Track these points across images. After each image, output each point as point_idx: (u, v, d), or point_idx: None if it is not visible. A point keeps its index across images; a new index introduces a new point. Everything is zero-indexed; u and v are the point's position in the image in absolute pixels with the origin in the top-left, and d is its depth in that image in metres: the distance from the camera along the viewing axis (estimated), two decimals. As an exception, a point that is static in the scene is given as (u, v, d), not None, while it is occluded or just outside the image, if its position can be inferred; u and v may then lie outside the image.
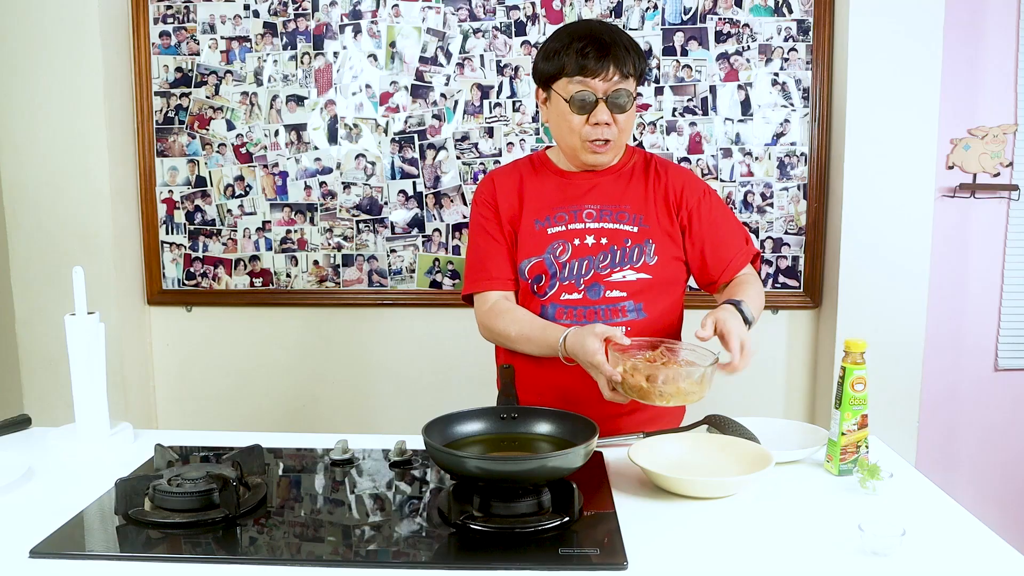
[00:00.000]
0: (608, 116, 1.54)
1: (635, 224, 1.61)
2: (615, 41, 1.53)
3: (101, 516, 1.22)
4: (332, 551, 1.11)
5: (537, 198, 1.66)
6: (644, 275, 1.60)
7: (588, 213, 1.63)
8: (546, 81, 1.59)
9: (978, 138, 2.53)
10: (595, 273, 1.61)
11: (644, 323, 1.61)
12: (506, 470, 1.17)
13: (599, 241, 1.61)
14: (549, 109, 1.61)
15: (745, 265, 1.66)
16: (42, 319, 2.51)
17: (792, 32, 2.44)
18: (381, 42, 2.51)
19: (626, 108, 1.55)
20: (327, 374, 2.66)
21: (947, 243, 2.58)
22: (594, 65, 1.51)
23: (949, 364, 2.65)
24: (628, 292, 1.60)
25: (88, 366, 1.47)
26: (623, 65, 1.52)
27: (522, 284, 1.67)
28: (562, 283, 1.62)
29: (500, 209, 1.67)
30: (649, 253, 1.61)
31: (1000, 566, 1.07)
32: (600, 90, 1.53)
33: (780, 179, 2.50)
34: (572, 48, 1.52)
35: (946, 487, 1.34)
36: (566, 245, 1.62)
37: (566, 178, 1.67)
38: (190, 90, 2.55)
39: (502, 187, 1.69)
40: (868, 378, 1.35)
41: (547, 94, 1.60)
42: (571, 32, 1.56)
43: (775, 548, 1.11)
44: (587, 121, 1.55)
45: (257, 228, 2.60)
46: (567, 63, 1.53)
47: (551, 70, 1.56)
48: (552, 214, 1.64)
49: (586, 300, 1.61)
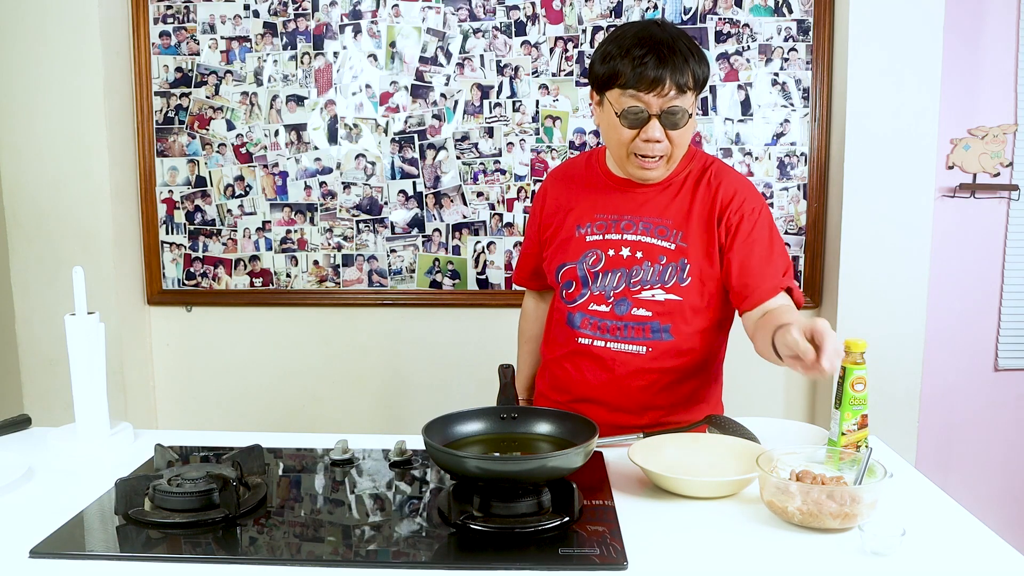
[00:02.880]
0: (660, 133, 1.45)
1: (674, 241, 1.54)
2: (676, 50, 1.42)
3: (101, 516, 1.22)
4: (332, 551, 1.11)
5: (583, 203, 1.62)
6: (674, 296, 1.54)
7: (627, 224, 1.57)
8: (599, 87, 1.50)
9: (978, 138, 2.53)
10: (626, 287, 1.56)
11: (669, 345, 1.56)
12: (506, 470, 1.17)
13: (634, 255, 1.55)
14: (601, 113, 1.52)
15: (773, 297, 1.50)
16: (42, 319, 2.51)
17: (792, 32, 2.44)
18: (381, 42, 2.51)
19: (680, 125, 1.46)
20: (327, 374, 2.66)
21: (947, 243, 2.58)
22: (650, 79, 1.41)
23: (949, 364, 2.65)
24: (655, 312, 1.55)
25: (88, 366, 1.47)
26: (681, 78, 1.42)
27: (555, 287, 1.67)
28: (592, 293, 1.59)
29: (545, 213, 1.69)
30: (682, 274, 1.54)
31: (1000, 566, 1.07)
32: (655, 106, 1.44)
33: (780, 179, 2.50)
34: (630, 56, 1.43)
35: (946, 487, 1.34)
36: (600, 255, 1.58)
37: (614, 184, 1.61)
38: (190, 90, 2.55)
39: (552, 193, 1.69)
40: (868, 378, 1.35)
41: (600, 97, 1.51)
42: (631, 37, 1.45)
43: (775, 548, 1.11)
44: (637, 136, 1.47)
45: (257, 228, 2.60)
46: (621, 73, 1.43)
47: (605, 76, 1.47)
48: (594, 221, 1.60)
49: (613, 314, 1.57)
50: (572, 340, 1.62)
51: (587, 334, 1.59)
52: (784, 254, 1.58)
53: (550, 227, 1.67)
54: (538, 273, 1.77)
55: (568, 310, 1.62)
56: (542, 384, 1.76)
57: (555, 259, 1.64)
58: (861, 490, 1.16)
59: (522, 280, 1.87)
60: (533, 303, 1.89)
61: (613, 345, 1.58)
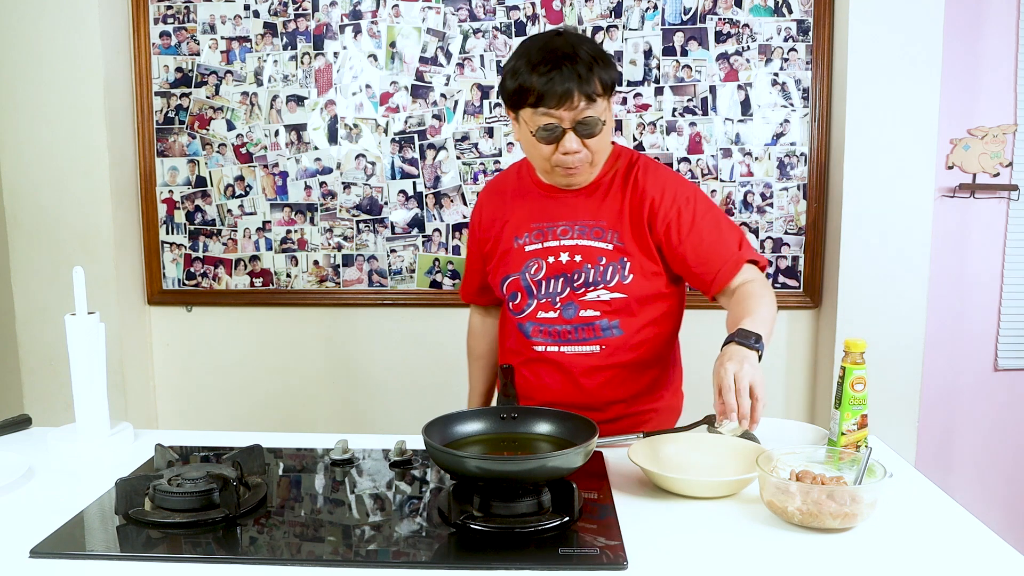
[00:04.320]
0: (578, 144, 1.47)
1: (610, 241, 1.57)
2: (579, 60, 1.43)
3: (101, 516, 1.22)
4: (332, 551, 1.11)
5: (517, 215, 1.65)
6: (619, 294, 1.57)
7: (563, 230, 1.60)
8: (512, 106, 1.51)
9: (978, 138, 2.54)
10: (570, 292, 1.59)
11: (620, 340, 1.60)
12: (506, 470, 1.17)
13: (573, 259, 1.58)
14: (519, 130, 1.54)
15: (736, 273, 1.53)
16: (42, 319, 2.51)
17: (792, 32, 2.44)
18: (381, 42, 2.51)
19: (596, 133, 1.48)
20: (327, 374, 2.66)
21: (947, 243, 2.58)
22: (559, 95, 1.42)
23: (949, 364, 2.65)
24: (602, 311, 1.58)
25: (88, 366, 1.47)
26: (588, 88, 1.43)
27: (502, 299, 1.70)
28: (539, 301, 1.62)
29: (482, 228, 1.72)
30: (624, 272, 1.57)
31: (1000, 566, 1.07)
32: (567, 120, 1.45)
33: (780, 179, 2.50)
34: (536, 73, 1.43)
35: (946, 487, 1.34)
36: (541, 263, 1.61)
37: (545, 192, 1.64)
38: (190, 90, 2.55)
39: (487, 206, 1.73)
40: (868, 378, 1.35)
41: (515, 115, 1.53)
42: (535, 52, 1.46)
43: (775, 548, 1.11)
44: (556, 150, 1.49)
45: (257, 228, 2.60)
46: (530, 91, 1.44)
47: (515, 95, 1.48)
48: (530, 231, 1.63)
49: (561, 319, 1.60)
50: (528, 348, 1.65)
51: (540, 341, 1.63)
52: (733, 227, 1.59)
53: (488, 241, 1.70)
54: (485, 288, 1.80)
55: (518, 320, 1.65)
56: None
57: (498, 272, 1.67)
58: (861, 490, 1.16)
59: (470, 297, 1.90)
60: (479, 319, 1.93)
61: (567, 348, 1.61)
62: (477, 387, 1.97)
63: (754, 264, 1.56)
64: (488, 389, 1.97)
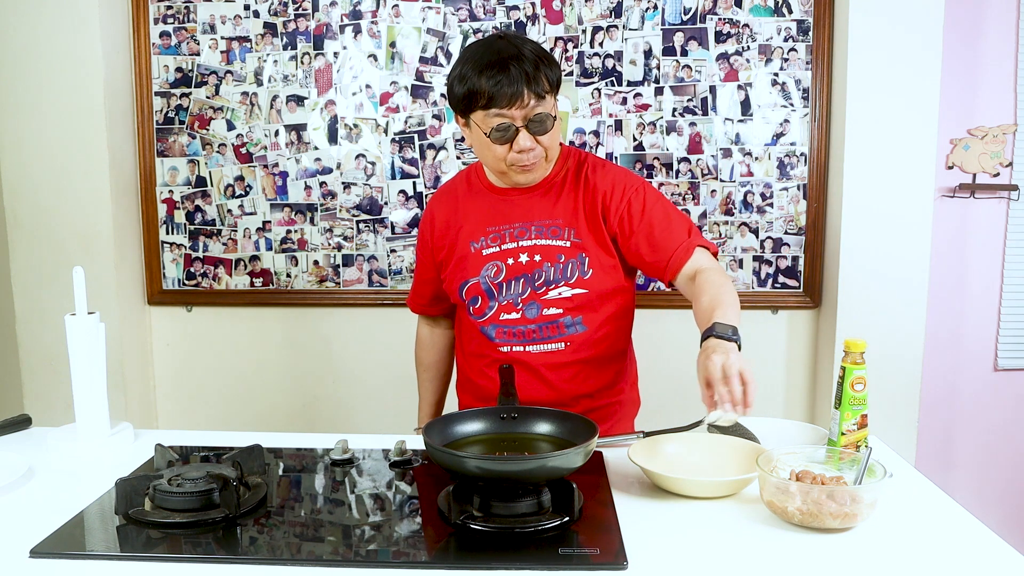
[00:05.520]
0: (531, 141, 1.51)
1: (567, 239, 1.60)
2: (525, 59, 1.47)
3: (101, 516, 1.22)
4: (332, 551, 1.11)
5: (472, 219, 1.66)
6: (580, 290, 1.59)
7: (520, 231, 1.62)
8: (462, 111, 1.53)
9: (978, 138, 2.54)
10: (532, 292, 1.60)
11: (584, 336, 1.62)
12: (506, 470, 1.17)
13: (533, 259, 1.60)
14: (471, 135, 1.56)
15: (688, 258, 1.56)
16: (42, 319, 2.51)
17: (792, 32, 2.44)
18: (381, 42, 2.51)
19: (548, 128, 1.52)
20: (327, 374, 2.66)
21: (947, 243, 2.58)
22: (509, 95, 1.45)
23: (949, 364, 2.65)
24: (565, 308, 1.60)
25: (88, 366, 1.47)
26: (537, 86, 1.47)
27: (460, 304, 1.70)
28: (500, 304, 1.62)
29: (435, 236, 1.72)
30: (583, 268, 1.59)
31: (1000, 566, 1.07)
32: (519, 118, 1.48)
33: (780, 179, 2.50)
34: (485, 76, 1.46)
35: (946, 487, 1.34)
36: (500, 266, 1.62)
37: (498, 195, 1.65)
38: (190, 90, 2.55)
39: (440, 213, 1.72)
40: (868, 378, 1.35)
41: (465, 120, 1.55)
42: (478, 59, 1.49)
43: (775, 548, 1.11)
44: (510, 149, 1.51)
45: (257, 228, 2.60)
46: (481, 94, 1.47)
47: (465, 100, 1.50)
48: (487, 235, 1.64)
49: (524, 319, 1.61)
50: (493, 350, 1.65)
51: (505, 342, 1.64)
52: (681, 216, 1.63)
53: (443, 248, 1.70)
54: (438, 298, 1.81)
55: (480, 324, 1.65)
56: (467, 397, 1.79)
57: (455, 278, 1.67)
58: (861, 490, 1.16)
59: (420, 307, 1.90)
60: (428, 330, 1.94)
61: (532, 348, 1.63)
62: (427, 398, 1.98)
63: (705, 250, 1.59)
64: (439, 399, 1.98)
